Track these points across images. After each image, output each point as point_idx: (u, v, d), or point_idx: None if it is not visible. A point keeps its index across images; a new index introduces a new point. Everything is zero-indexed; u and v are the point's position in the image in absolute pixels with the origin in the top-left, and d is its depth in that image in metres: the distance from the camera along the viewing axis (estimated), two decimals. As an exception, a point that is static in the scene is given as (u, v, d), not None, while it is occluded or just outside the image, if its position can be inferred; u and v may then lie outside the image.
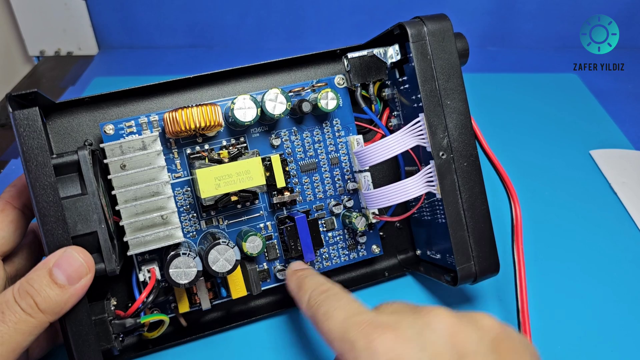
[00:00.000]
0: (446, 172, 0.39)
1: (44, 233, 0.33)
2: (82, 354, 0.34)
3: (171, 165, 0.41)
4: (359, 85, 0.45)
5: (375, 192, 0.41)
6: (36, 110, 0.33)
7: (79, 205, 0.34)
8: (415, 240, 0.49)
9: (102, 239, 0.35)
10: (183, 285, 0.37)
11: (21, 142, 0.33)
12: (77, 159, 0.35)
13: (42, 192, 0.33)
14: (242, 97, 0.40)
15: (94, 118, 0.41)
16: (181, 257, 0.37)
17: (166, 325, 0.41)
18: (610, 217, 0.56)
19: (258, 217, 0.43)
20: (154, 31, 0.91)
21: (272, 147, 0.44)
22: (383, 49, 0.45)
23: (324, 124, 0.45)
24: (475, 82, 0.41)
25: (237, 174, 0.39)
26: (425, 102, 0.39)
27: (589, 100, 0.76)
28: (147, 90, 0.42)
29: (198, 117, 0.38)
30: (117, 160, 0.37)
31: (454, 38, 0.40)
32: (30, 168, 0.33)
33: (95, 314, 0.36)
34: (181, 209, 0.42)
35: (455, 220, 0.40)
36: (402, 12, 0.86)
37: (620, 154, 0.65)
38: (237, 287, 0.41)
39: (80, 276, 0.32)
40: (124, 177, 0.37)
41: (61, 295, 0.32)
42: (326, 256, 0.45)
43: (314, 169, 0.45)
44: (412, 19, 0.41)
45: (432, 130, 0.39)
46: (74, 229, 0.34)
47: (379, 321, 0.28)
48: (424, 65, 0.39)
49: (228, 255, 0.38)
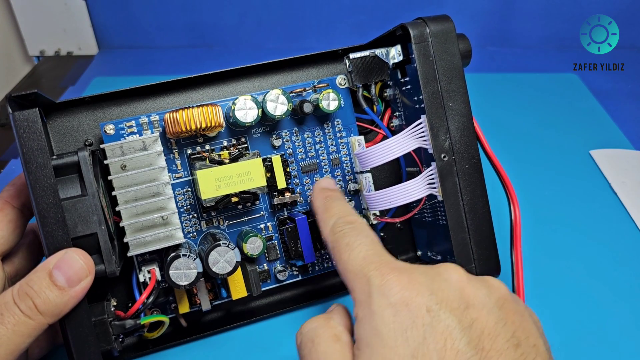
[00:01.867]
0: (448, 174, 0.39)
1: (44, 234, 0.33)
2: (82, 355, 0.34)
3: (172, 165, 0.41)
4: (361, 86, 0.45)
5: (376, 194, 0.41)
6: (36, 111, 0.33)
7: (79, 207, 0.34)
8: (416, 241, 0.49)
9: (102, 241, 0.35)
10: (183, 286, 0.37)
11: (21, 144, 0.33)
12: (77, 160, 0.35)
13: (42, 193, 0.33)
14: (243, 98, 0.39)
15: (94, 118, 0.41)
16: (181, 258, 0.37)
17: (166, 326, 0.41)
18: (610, 217, 0.56)
19: (259, 218, 0.43)
20: (154, 31, 0.91)
21: (273, 148, 0.43)
22: (385, 50, 0.44)
23: (325, 125, 0.45)
24: (475, 82, 0.41)
25: (237, 175, 0.39)
26: (427, 104, 0.39)
27: (589, 100, 0.76)
28: (147, 90, 0.42)
29: (199, 117, 0.38)
30: (117, 161, 0.37)
31: (456, 39, 0.40)
32: (30, 169, 0.33)
33: (95, 315, 0.36)
34: (181, 210, 0.41)
35: (456, 223, 0.39)
36: (402, 12, 0.86)
37: (620, 154, 0.65)
38: (237, 287, 0.41)
39: (80, 278, 0.32)
40: (125, 178, 0.37)
41: (61, 297, 0.32)
42: (327, 257, 0.45)
43: (315, 169, 0.45)
44: (414, 20, 0.41)
45: (433, 132, 0.39)
46: (74, 231, 0.34)
47: (397, 265, 0.30)
48: (426, 66, 0.39)
49: (228, 256, 0.38)
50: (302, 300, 0.45)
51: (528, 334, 0.28)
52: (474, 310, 0.28)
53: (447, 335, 0.26)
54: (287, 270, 0.44)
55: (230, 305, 0.45)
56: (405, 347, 0.27)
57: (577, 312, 0.46)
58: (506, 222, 0.42)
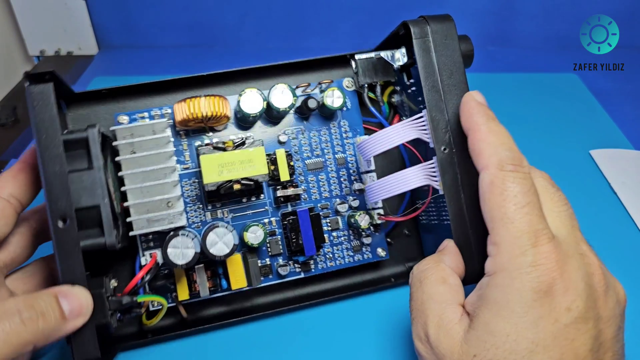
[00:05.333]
0: (448, 167, 0.39)
1: (49, 202, 0.34)
2: None
3: (180, 157, 0.43)
4: (367, 86, 0.46)
5: (375, 183, 0.41)
6: (50, 85, 0.35)
7: (84, 179, 0.35)
8: (424, 248, 0.48)
9: (105, 212, 0.36)
10: (180, 265, 0.37)
11: (34, 115, 0.34)
12: (87, 136, 0.36)
13: (50, 162, 0.34)
14: (249, 90, 0.41)
15: (109, 110, 0.43)
16: (180, 237, 0.37)
17: (164, 310, 0.40)
18: (610, 217, 0.56)
19: (263, 212, 0.44)
20: (154, 31, 0.91)
21: (279, 143, 0.44)
22: (391, 52, 0.45)
23: (331, 125, 0.46)
24: (474, 82, 0.41)
25: (240, 162, 0.39)
26: (427, 97, 0.39)
27: (589, 100, 0.76)
28: (162, 85, 0.43)
29: (205, 106, 0.39)
30: (127, 144, 0.38)
31: (457, 36, 0.40)
32: (40, 139, 0.34)
33: (92, 287, 0.35)
34: (187, 200, 0.42)
35: (457, 216, 0.39)
36: (402, 12, 0.86)
37: (620, 154, 0.65)
38: (237, 278, 0.41)
39: (80, 314, 0.33)
40: (133, 160, 0.38)
41: (60, 322, 0.32)
42: (330, 256, 0.45)
43: (321, 168, 0.45)
44: (416, 19, 0.41)
45: (434, 124, 0.39)
46: (78, 202, 0.35)
47: (555, 244, 0.30)
48: (427, 60, 0.40)
49: (226, 239, 0.38)
50: (303, 300, 0.45)
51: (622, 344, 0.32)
52: (602, 323, 0.30)
53: (573, 338, 0.29)
54: (288, 266, 0.44)
55: (231, 300, 0.45)
56: (531, 332, 0.28)
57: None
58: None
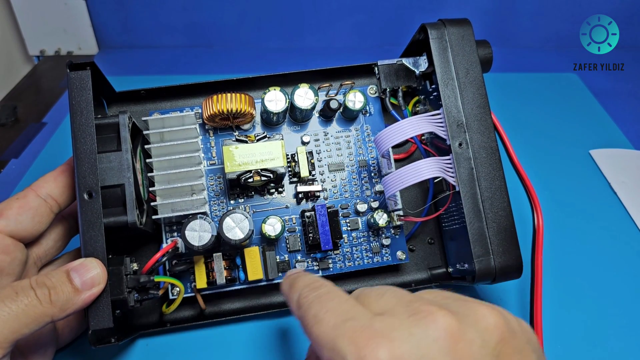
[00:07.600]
0: (464, 162, 0.39)
1: (78, 177, 0.36)
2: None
3: (207, 153, 0.44)
4: (389, 91, 0.46)
5: (389, 176, 0.41)
6: (88, 73, 0.37)
7: (112, 159, 0.38)
8: (447, 257, 0.47)
9: (128, 191, 0.37)
10: (196, 247, 0.38)
11: (71, 97, 0.37)
12: (117, 121, 0.39)
13: (82, 140, 0.37)
14: (273, 89, 0.43)
15: (145, 109, 0.46)
16: (198, 220, 0.39)
17: (182, 295, 0.41)
18: (610, 217, 0.56)
19: (283, 209, 0.45)
20: (154, 31, 0.91)
21: (303, 144, 0.46)
22: (413, 59, 0.46)
23: (353, 128, 0.47)
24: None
25: (260, 154, 0.42)
26: (444, 93, 0.40)
27: (589, 100, 0.76)
28: (194, 87, 0.46)
29: (231, 101, 0.41)
30: (157, 133, 0.41)
31: (473, 37, 0.42)
32: (74, 119, 0.37)
33: (112, 264, 0.37)
34: (211, 194, 0.44)
35: (472, 211, 0.39)
36: (403, 12, 0.86)
37: (620, 154, 0.65)
38: (254, 269, 0.42)
39: (94, 284, 0.35)
40: (161, 148, 0.41)
41: (72, 294, 0.34)
42: (349, 256, 0.45)
43: (342, 168, 0.46)
44: (434, 22, 0.42)
45: (450, 120, 0.40)
46: (104, 180, 0.37)
47: (373, 329, 0.26)
48: (443, 58, 0.41)
49: (243, 225, 0.39)
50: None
51: None
52: None
53: None
54: (306, 263, 0.44)
55: (248, 295, 0.45)
56: None
57: (576, 311, 0.46)
58: (527, 228, 0.42)
